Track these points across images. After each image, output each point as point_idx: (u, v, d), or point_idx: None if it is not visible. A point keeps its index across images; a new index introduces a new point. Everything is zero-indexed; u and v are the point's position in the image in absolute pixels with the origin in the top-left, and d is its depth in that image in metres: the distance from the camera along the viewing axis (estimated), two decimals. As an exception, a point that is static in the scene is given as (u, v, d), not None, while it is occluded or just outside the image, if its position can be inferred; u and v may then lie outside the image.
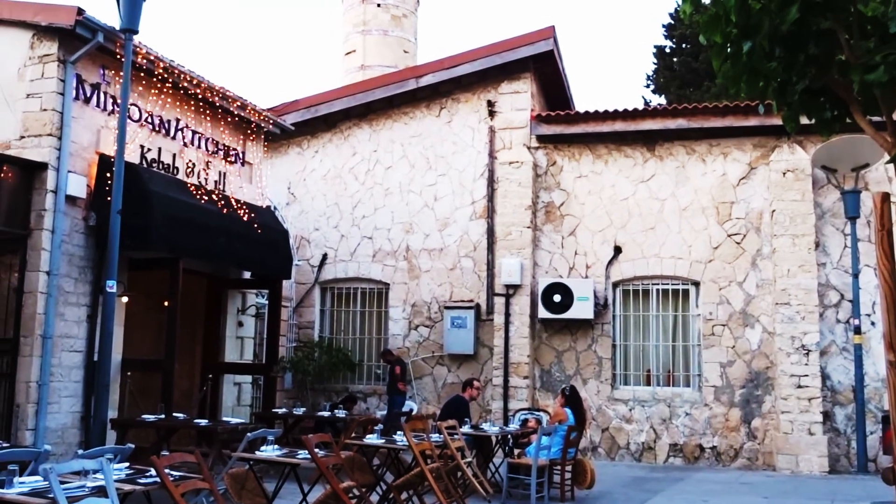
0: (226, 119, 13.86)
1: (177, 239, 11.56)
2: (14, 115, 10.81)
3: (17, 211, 10.40)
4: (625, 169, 15.63)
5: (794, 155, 14.54)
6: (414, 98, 16.99)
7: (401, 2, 26.33)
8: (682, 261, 15.10)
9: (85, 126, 11.19)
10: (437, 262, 16.37)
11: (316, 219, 17.33)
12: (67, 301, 10.72)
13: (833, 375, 14.23)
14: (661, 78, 30.08)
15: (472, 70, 16.40)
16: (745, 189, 14.98)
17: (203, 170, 13.33)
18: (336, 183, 17.32)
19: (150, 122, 12.30)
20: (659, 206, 15.34)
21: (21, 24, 11.04)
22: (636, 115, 15.53)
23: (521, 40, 16.16)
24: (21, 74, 10.94)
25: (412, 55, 25.85)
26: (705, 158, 15.24)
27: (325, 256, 17.10)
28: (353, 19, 26.51)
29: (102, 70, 11.53)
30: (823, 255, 14.47)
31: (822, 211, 14.56)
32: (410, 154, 16.90)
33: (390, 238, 16.76)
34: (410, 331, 16.35)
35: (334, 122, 17.45)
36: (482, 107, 16.52)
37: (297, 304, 17.06)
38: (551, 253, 15.80)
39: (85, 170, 11.10)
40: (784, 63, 4.77)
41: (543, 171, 16.03)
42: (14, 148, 10.68)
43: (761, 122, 14.28)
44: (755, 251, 14.77)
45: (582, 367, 15.36)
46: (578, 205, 15.76)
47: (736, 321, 14.72)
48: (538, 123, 16.02)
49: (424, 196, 16.66)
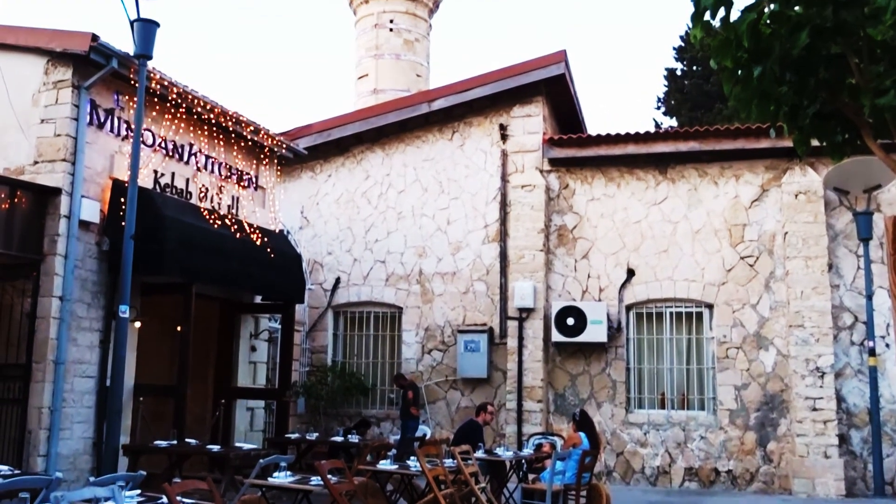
0: (239, 143, 13.92)
1: (190, 263, 11.58)
2: (28, 140, 10.87)
3: (30, 236, 10.45)
4: (637, 192, 15.61)
5: (805, 177, 14.50)
6: (426, 122, 17.04)
7: (413, 26, 26.49)
8: (696, 283, 15.04)
9: (99, 151, 11.25)
10: (451, 286, 16.35)
11: (329, 243, 17.35)
12: (80, 326, 10.74)
13: (848, 398, 14.12)
14: (673, 100, 30.09)
15: (484, 94, 16.44)
16: (758, 211, 14.93)
17: (216, 194, 13.37)
18: (349, 207, 17.35)
19: (164, 147, 12.36)
20: (672, 228, 15.30)
21: (36, 50, 11.13)
22: (648, 138, 15.53)
23: (532, 64, 16.20)
24: (35, 100, 11.02)
25: (424, 79, 25.96)
26: (717, 181, 15.21)
27: (338, 280, 17.11)
28: (365, 44, 26.67)
29: (116, 95, 11.61)
30: (837, 276, 14.39)
31: (834, 232, 14.49)
32: (423, 178, 16.93)
33: (403, 262, 16.76)
34: (423, 355, 16.32)
35: (347, 146, 17.51)
36: (494, 130, 16.54)
37: (309, 328, 17.05)
38: (564, 276, 15.76)
39: (98, 195, 11.15)
40: (795, 87, 4.77)
41: (556, 194, 16.02)
42: (28, 173, 10.74)
43: (773, 145, 14.24)
44: (768, 273, 14.71)
45: (596, 390, 15.28)
46: (591, 228, 15.73)
47: (750, 344, 14.64)
48: (550, 147, 16.03)
49: (437, 220, 16.67)
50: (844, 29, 4.15)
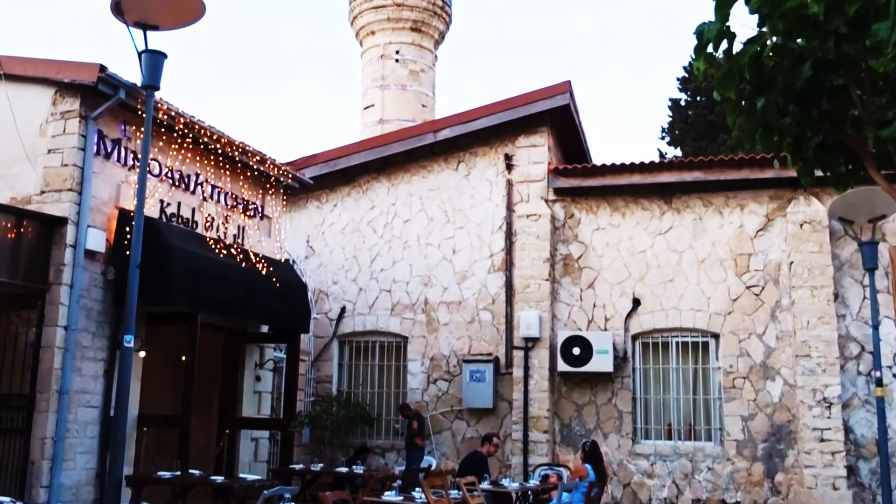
0: (245, 173, 13.98)
1: (195, 293, 11.60)
2: (35, 170, 10.92)
3: (36, 265, 10.47)
4: (642, 221, 15.61)
5: (810, 207, 14.50)
6: (432, 152, 17.09)
7: (419, 57, 26.65)
8: (702, 313, 15.00)
9: (105, 181, 11.30)
10: (456, 315, 16.32)
11: (334, 272, 17.36)
12: (84, 356, 10.73)
13: (856, 429, 14.03)
14: (677, 130, 30.19)
15: (490, 124, 16.49)
16: (763, 241, 14.92)
17: (222, 224, 13.41)
18: (354, 236, 17.37)
19: (170, 177, 12.41)
20: (677, 258, 15.29)
21: (44, 80, 11.21)
22: (653, 168, 15.56)
23: (537, 95, 16.27)
24: (43, 130, 11.08)
25: (430, 109, 26.09)
26: (722, 210, 15.21)
27: (343, 310, 17.10)
28: (371, 74, 26.83)
29: (123, 126, 11.67)
30: (843, 306, 14.35)
31: (840, 262, 14.47)
32: (429, 207, 16.95)
33: (409, 291, 16.75)
34: (429, 384, 16.27)
35: (353, 175, 17.56)
36: (500, 160, 16.58)
37: (315, 357, 17.03)
38: (570, 305, 15.73)
39: (104, 224, 11.19)
40: (798, 118, 4.78)
41: (561, 223, 16.03)
42: (34, 203, 10.79)
43: (777, 175, 14.25)
44: (774, 303, 14.67)
45: (602, 420, 15.20)
46: (596, 257, 15.73)
47: (757, 374, 14.57)
48: (555, 176, 16.06)
49: (443, 249, 16.68)
50: (846, 61, 4.17)
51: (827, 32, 4.01)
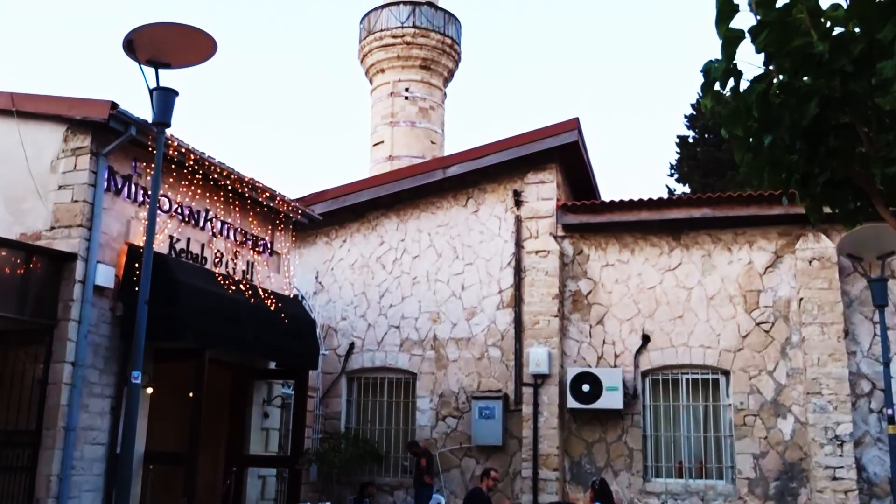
0: (254, 209, 14.02)
1: (204, 329, 11.58)
2: (46, 206, 10.97)
3: (44, 301, 10.48)
4: (651, 258, 15.59)
5: (819, 243, 14.47)
6: (441, 188, 17.13)
7: (428, 94, 26.82)
8: (711, 350, 14.93)
9: (115, 217, 11.34)
10: (465, 352, 16.27)
11: (343, 308, 17.35)
12: (92, 392, 10.70)
13: (868, 467, 13.89)
14: (685, 167, 30.24)
15: (498, 161, 16.54)
16: (772, 277, 14.87)
17: (231, 259, 13.43)
18: (363, 272, 17.38)
19: (180, 213, 12.45)
20: (686, 294, 15.24)
21: (56, 117, 11.27)
22: (661, 205, 15.56)
23: (546, 132, 16.33)
24: (54, 166, 11.13)
25: (439, 146, 26.22)
26: (731, 247, 15.19)
27: (352, 346, 17.06)
28: (381, 111, 27.00)
29: (134, 162, 11.73)
30: (853, 343, 14.27)
31: (849, 299, 14.41)
32: (438, 243, 16.97)
33: (418, 327, 16.72)
34: (438, 421, 16.18)
35: (362, 211, 17.60)
36: (508, 196, 16.61)
37: (323, 394, 16.97)
38: (579, 342, 15.68)
39: (114, 260, 11.21)
40: (805, 156, 4.77)
41: (570, 259, 16.02)
42: (44, 238, 10.81)
43: (785, 211, 14.23)
44: (784, 340, 14.59)
45: (613, 458, 15.08)
46: (606, 293, 15.69)
47: (768, 411, 14.46)
48: (564, 213, 16.07)
49: (452, 285, 16.67)
50: (853, 99, 4.17)
51: (833, 71, 4.02)
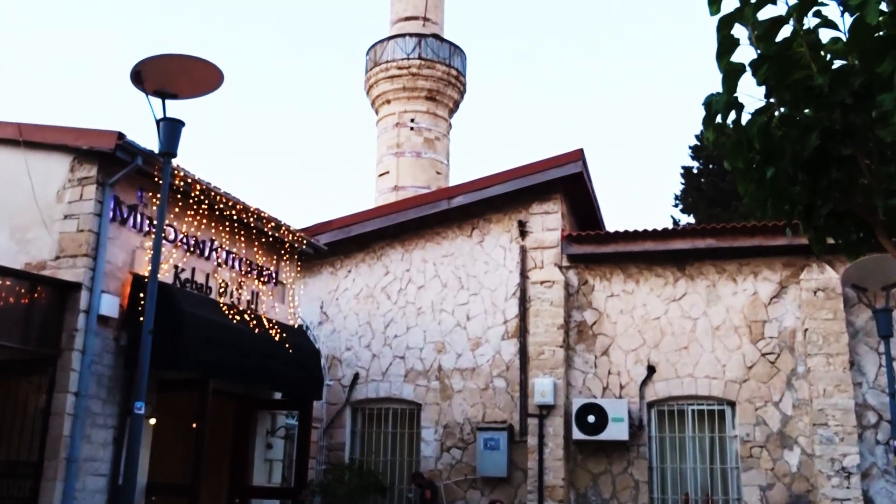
0: (260, 239, 14.04)
1: (208, 359, 11.56)
2: (51, 235, 10.99)
3: (48, 331, 10.47)
4: (656, 288, 15.58)
5: (823, 274, 14.45)
6: (446, 218, 17.15)
7: (433, 125, 26.93)
8: (717, 381, 14.87)
9: (120, 247, 11.36)
10: (470, 382, 16.22)
11: (348, 338, 17.33)
12: (94, 423, 10.65)
13: (876, 499, 13.76)
14: (690, 198, 30.29)
15: (503, 191, 16.58)
16: (777, 308, 14.84)
17: (236, 289, 13.43)
18: (368, 302, 17.38)
19: (185, 243, 12.46)
20: (691, 325, 15.21)
21: (62, 147, 11.31)
22: (666, 236, 15.57)
23: (550, 162, 16.37)
24: (60, 196, 11.16)
25: (444, 176, 26.29)
26: (735, 278, 15.17)
27: (356, 376, 17.02)
28: (386, 142, 27.11)
29: (140, 192, 11.76)
30: (859, 374, 14.20)
31: (854, 329, 14.37)
32: (443, 273, 16.97)
33: (422, 357, 16.68)
34: (442, 453, 16.10)
35: (367, 242, 17.62)
36: (513, 227, 16.63)
37: (327, 425, 16.90)
38: (585, 373, 15.62)
39: (118, 290, 11.21)
40: (808, 187, 4.77)
41: (575, 290, 16.00)
42: (49, 268, 10.82)
43: (790, 242, 14.22)
44: (790, 370, 14.53)
45: (618, 490, 14.98)
46: (611, 324, 15.66)
47: (774, 443, 14.37)
48: (569, 243, 16.08)
49: (457, 315, 16.65)
50: (854, 131, 4.18)
51: (833, 103, 4.03)
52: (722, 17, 4.19)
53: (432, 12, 30.04)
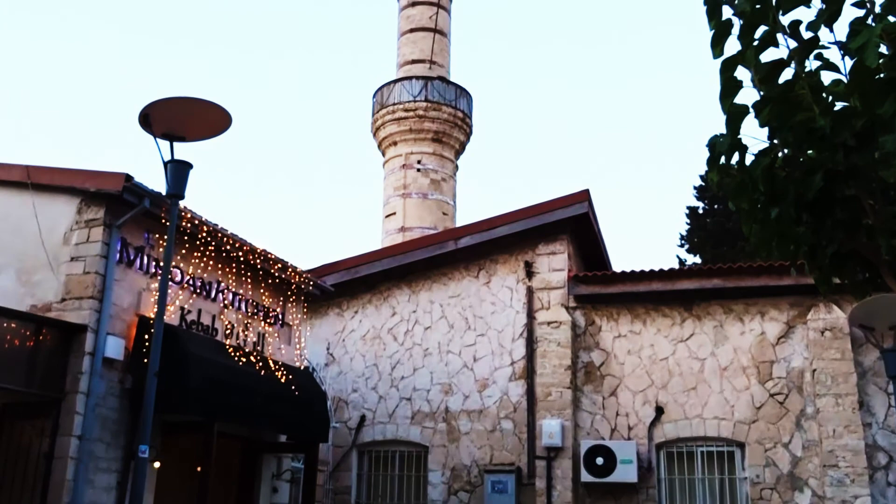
0: (266, 280, 14.04)
1: (213, 402, 11.51)
2: (57, 277, 10.99)
3: (53, 374, 10.42)
4: (663, 328, 15.52)
5: (830, 314, 14.39)
6: (453, 259, 17.15)
7: (440, 167, 27.04)
8: (726, 422, 14.75)
9: (127, 288, 11.36)
10: (477, 424, 16.11)
11: (354, 380, 17.26)
12: (98, 467, 10.56)
13: (889, 543, 13.59)
14: (695, 238, 30.30)
15: (510, 232, 16.58)
16: (785, 348, 14.77)
17: (242, 331, 13.41)
18: (375, 344, 17.33)
19: (192, 284, 12.47)
20: (699, 365, 15.13)
21: (70, 189, 11.36)
22: (672, 276, 15.55)
23: (556, 203, 16.39)
24: (67, 238, 11.17)
25: (451, 217, 26.35)
26: (743, 318, 15.11)
27: (362, 418, 16.93)
28: (393, 183, 27.21)
29: (147, 234, 11.79)
30: (868, 414, 14.08)
31: (863, 369, 14.27)
32: (449, 314, 16.93)
33: (429, 399, 16.60)
34: (450, 496, 15.94)
35: (374, 283, 17.61)
36: (520, 267, 16.61)
37: (333, 468, 16.78)
38: (592, 414, 15.52)
39: (124, 332, 11.19)
40: (812, 228, 4.78)
41: (582, 330, 15.95)
42: (55, 310, 10.82)
43: (796, 282, 14.16)
44: (799, 411, 14.41)
45: (626, 533, 14.81)
46: (618, 365, 15.59)
47: (784, 484, 14.22)
48: (576, 284, 16.05)
49: (464, 356, 16.59)
50: (856, 172, 4.20)
51: (836, 145, 4.05)
52: (725, 60, 4.22)
53: (438, 55, 30.29)
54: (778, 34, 4.03)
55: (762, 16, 4.03)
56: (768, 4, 4.01)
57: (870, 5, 3.69)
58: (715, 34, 4.21)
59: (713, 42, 4.22)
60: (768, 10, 4.01)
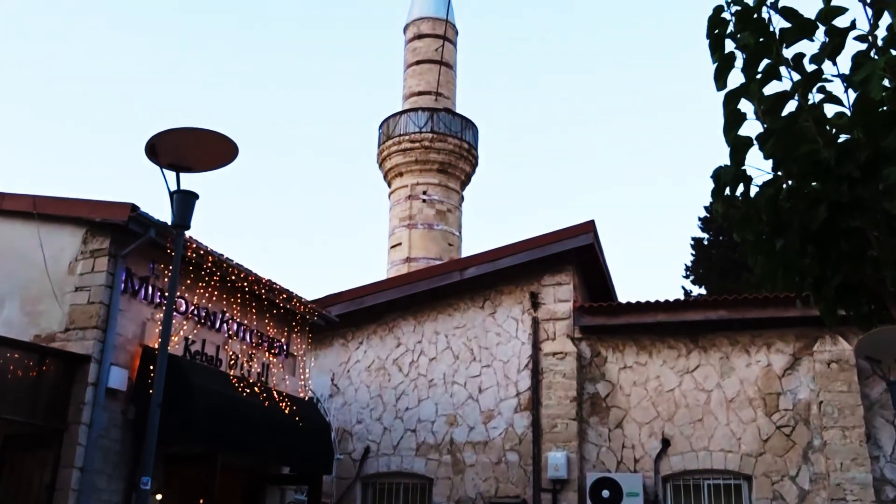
0: (271, 311, 14.03)
1: (217, 433, 11.46)
2: (62, 307, 10.99)
3: (56, 404, 10.39)
4: (669, 360, 15.45)
5: (837, 346, 14.32)
6: (458, 289, 17.12)
7: (446, 198, 27.09)
8: (733, 454, 14.64)
9: (131, 319, 11.35)
10: (482, 456, 16.01)
11: (359, 411, 17.18)
12: (100, 499, 10.47)
13: (898, 578, 13.43)
14: (701, 269, 30.27)
15: (515, 263, 16.57)
16: (791, 380, 14.68)
17: (246, 362, 13.38)
18: (380, 374, 17.27)
19: (196, 315, 12.46)
20: (705, 397, 15.04)
21: (76, 219, 11.40)
22: (678, 307, 15.50)
23: (562, 234, 16.39)
24: (72, 268, 11.19)
25: (456, 248, 26.38)
26: (749, 349, 15.05)
27: (367, 450, 16.83)
28: (399, 214, 27.25)
29: (152, 264, 11.80)
30: (875, 447, 13.96)
31: (870, 402, 14.17)
32: (455, 345, 16.89)
33: (434, 431, 16.51)
34: (454, 529, 15.82)
35: (379, 313, 17.57)
36: (525, 298, 16.58)
37: (337, 500, 16.66)
38: (598, 446, 15.42)
39: (128, 362, 11.17)
40: (817, 259, 4.76)
41: (588, 361, 15.89)
42: (58, 340, 10.80)
43: (802, 314, 14.05)
44: (806, 444, 14.30)
45: (633, 567, 14.65)
46: (624, 396, 15.51)
47: (793, 519, 14.08)
48: (581, 315, 16.01)
49: (469, 387, 16.52)
50: (861, 204, 4.18)
51: (840, 176, 4.04)
52: (728, 93, 4.22)
53: (444, 87, 30.45)
54: (781, 67, 4.04)
55: (765, 49, 4.04)
56: (771, 38, 4.02)
57: (872, 38, 3.69)
58: (718, 67, 4.22)
59: (717, 75, 4.22)
60: (771, 43, 4.02)
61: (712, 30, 4.19)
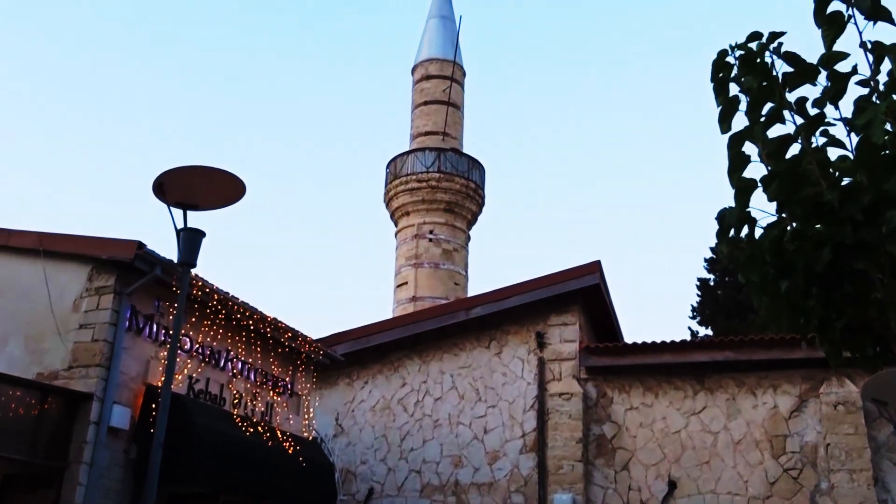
0: (276, 349, 14.00)
1: (220, 474, 11.39)
2: (65, 345, 10.95)
3: (57, 443, 10.32)
4: (675, 401, 15.36)
5: (843, 388, 14.24)
6: (464, 329, 17.08)
7: (452, 237, 27.13)
8: (740, 497, 14.49)
9: (135, 357, 11.31)
10: (487, 498, 15.87)
11: (363, 451, 17.08)
12: (101, 539, 10.42)
13: None
14: (707, 310, 30.19)
15: (521, 303, 16.54)
16: (798, 422, 14.57)
17: (250, 401, 13.33)
18: (384, 414, 17.18)
19: (200, 353, 12.43)
20: (712, 439, 14.93)
21: (81, 257, 11.40)
22: (684, 348, 15.46)
23: (568, 274, 16.38)
24: (76, 305, 11.17)
25: (462, 287, 26.35)
26: (755, 391, 14.96)
27: (371, 491, 16.69)
28: (405, 253, 27.28)
29: (157, 301, 11.78)
30: (883, 491, 13.82)
31: (877, 444, 14.05)
32: (460, 385, 16.81)
33: (439, 472, 16.38)
34: (458, 572, 15.65)
35: (384, 352, 17.52)
36: (531, 338, 16.53)
37: (340, 541, 16.53)
38: (604, 488, 15.28)
39: (130, 401, 11.11)
40: (822, 301, 4.75)
41: (594, 402, 15.80)
42: (61, 378, 10.74)
43: (808, 355, 14.03)
44: (813, 486, 14.16)
45: None
46: (630, 437, 15.40)
47: (802, 565, 13.91)
48: (587, 355, 15.96)
49: (474, 428, 16.42)
50: (865, 246, 4.19)
51: (843, 219, 4.06)
52: (732, 136, 4.25)
53: (452, 128, 30.61)
54: (784, 111, 4.06)
55: (769, 93, 4.07)
56: (775, 82, 4.05)
57: (873, 84, 3.72)
58: (722, 110, 4.25)
59: (721, 118, 4.25)
60: (775, 87, 4.05)
61: (717, 73, 4.23)
